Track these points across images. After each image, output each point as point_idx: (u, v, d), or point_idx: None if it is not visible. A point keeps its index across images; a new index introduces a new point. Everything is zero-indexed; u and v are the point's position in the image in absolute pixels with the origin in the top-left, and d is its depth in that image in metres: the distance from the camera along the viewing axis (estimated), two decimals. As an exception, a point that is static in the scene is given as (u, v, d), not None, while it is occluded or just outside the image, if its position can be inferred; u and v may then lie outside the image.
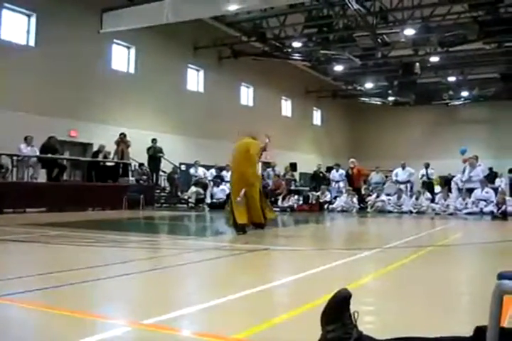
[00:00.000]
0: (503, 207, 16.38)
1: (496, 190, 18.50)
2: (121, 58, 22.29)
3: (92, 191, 17.07)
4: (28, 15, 18.71)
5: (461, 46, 24.28)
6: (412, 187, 21.03)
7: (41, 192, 15.18)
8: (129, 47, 22.51)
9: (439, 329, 2.74)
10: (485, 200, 17.55)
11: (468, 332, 2.10)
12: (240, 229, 9.59)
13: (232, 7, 18.56)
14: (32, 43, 18.67)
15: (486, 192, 17.75)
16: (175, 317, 3.37)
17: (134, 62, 22.57)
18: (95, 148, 19.46)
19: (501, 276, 1.85)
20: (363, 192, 21.27)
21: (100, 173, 18.45)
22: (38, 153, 16.35)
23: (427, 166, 21.25)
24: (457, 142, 30.38)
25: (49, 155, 16.55)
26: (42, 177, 16.69)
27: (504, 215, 16.21)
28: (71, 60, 19.24)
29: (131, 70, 22.56)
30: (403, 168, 20.98)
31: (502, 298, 1.83)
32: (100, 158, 18.92)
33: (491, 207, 17.00)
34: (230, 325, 3.37)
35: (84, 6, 19.67)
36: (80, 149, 20.32)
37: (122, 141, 19.45)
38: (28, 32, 18.72)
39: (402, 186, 20.26)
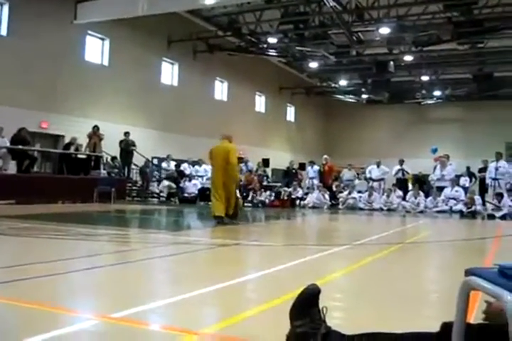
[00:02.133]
0: (472, 207, 16.66)
1: (466, 189, 18.75)
2: (95, 50, 22.03)
3: (63, 183, 16.86)
4: (1, 4, 18.39)
5: (434, 46, 24.55)
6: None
7: (11, 184, 14.93)
8: (103, 39, 22.26)
9: (406, 324, 2.76)
10: (455, 199, 17.79)
11: (436, 327, 2.11)
12: (218, 219, 10.72)
13: (209, 1, 18.52)
14: (4, 33, 18.36)
15: (456, 191, 17.99)
16: (144, 310, 3.35)
17: (108, 54, 22.33)
18: (67, 140, 19.23)
19: (469, 273, 1.87)
20: (334, 188, 21.38)
21: (71, 166, 18.23)
22: (8, 145, 16.12)
23: (401, 163, 21.24)
24: (429, 141, 30.72)
25: (19, 147, 16.32)
26: (12, 168, 16.46)
27: (473, 214, 16.49)
28: (44, 50, 18.98)
29: (105, 62, 22.33)
30: (378, 165, 21.09)
31: (469, 294, 1.85)
32: (72, 150, 18.70)
33: (460, 206, 17.24)
34: (200, 319, 3.36)
35: (58, -4, 19.45)
36: (51, 141, 20.07)
37: (95, 134, 19.23)
38: (-1, 21, 18.43)
39: (375, 184, 20.38)
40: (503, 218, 15.57)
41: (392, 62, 26.43)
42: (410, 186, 21.03)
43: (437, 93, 34.23)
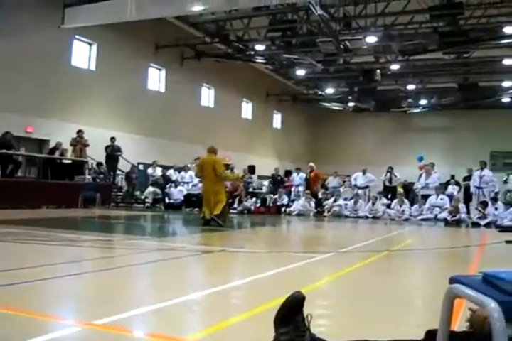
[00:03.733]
0: (457, 215, 16.76)
1: (450, 197, 18.85)
2: (82, 55, 21.93)
3: (48, 188, 16.74)
4: (-13, 8, 18.30)
5: (421, 55, 24.70)
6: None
7: (-6, 189, 14.82)
8: (90, 44, 22.18)
9: (391, 332, 2.76)
10: (439, 207, 17.87)
11: (420, 335, 2.11)
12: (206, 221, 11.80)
13: (197, 7, 18.52)
14: (-11, 36, 18.25)
15: (441, 199, 18.08)
16: (127, 317, 3.33)
17: (95, 59, 22.23)
18: (52, 145, 19.11)
19: (453, 280, 1.87)
20: (320, 196, 21.40)
21: (56, 171, 18.11)
22: (-8, 149, 16.00)
23: (389, 170, 21.18)
24: (414, 149, 30.85)
25: (3, 151, 16.19)
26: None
27: (457, 222, 16.58)
28: (30, 54, 18.84)
29: (92, 67, 22.23)
30: (363, 173, 21.13)
31: (453, 301, 1.86)
32: (57, 155, 18.59)
33: (445, 214, 17.32)
34: (184, 326, 3.35)
35: (45, 0, 19.36)
36: (36, 146, 19.92)
37: (79, 141, 19.09)
38: (-15, 25, 18.28)
39: (360, 191, 20.42)
40: (487, 226, 15.67)
41: (378, 71, 26.54)
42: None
43: (423, 102, 34.43)
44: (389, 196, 20.17)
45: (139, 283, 4.99)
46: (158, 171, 22.09)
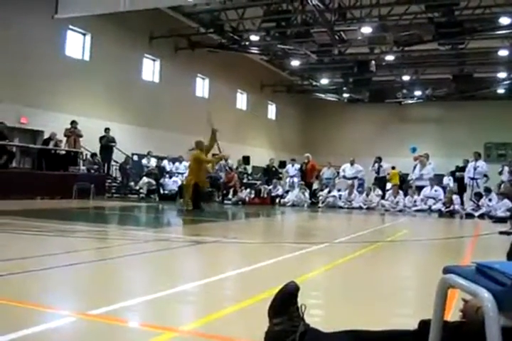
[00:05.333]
0: (451, 206, 16.82)
1: (444, 188, 18.90)
2: (76, 45, 21.83)
3: (42, 179, 16.71)
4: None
5: (416, 46, 24.67)
6: (362, 184, 21.20)
7: (-12, 179, 14.79)
8: (84, 34, 22.07)
9: (384, 322, 2.77)
10: (434, 198, 17.92)
11: (413, 325, 2.12)
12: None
13: (191, -3, 18.45)
14: (-17, 26, 18.14)
15: (435, 190, 18.12)
16: (122, 307, 3.34)
17: (89, 49, 22.14)
18: (46, 136, 19.06)
19: (447, 270, 1.88)
20: (315, 187, 21.42)
21: (51, 161, 18.07)
22: (-14, 139, 15.94)
23: (377, 160, 21.00)
24: (409, 140, 30.88)
25: (-3, 142, 16.15)
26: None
27: (451, 213, 16.64)
28: (24, 44, 18.75)
29: (86, 58, 22.14)
30: (351, 164, 21.13)
31: (447, 291, 1.86)
32: (51, 145, 18.54)
33: (439, 205, 17.38)
34: (178, 316, 3.35)
35: (39, -10, 19.27)
36: (30, 136, 19.86)
37: (73, 132, 19.04)
38: (-22, 14, 18.16)
39: (350, 182, 20.42)
40: (481, 217, 15.74)
41: (373, 62, 26.53)
42: (389, 185, 21.03)
43: (418, 93, 34.46)
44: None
45: (134, 274, 4.99)
46: (153, 162, 22.08)
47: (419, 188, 18.65)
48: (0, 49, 17.99)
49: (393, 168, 23.20)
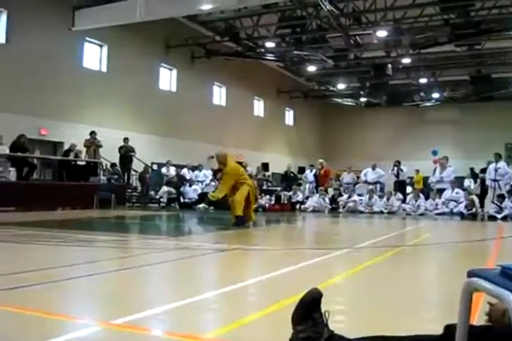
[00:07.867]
0: (473, 209, 16.65)
1: (465, 190, 18.74)
2: (94, 56, 22.04)
3: (63, 190, 16.85)
4: (-1, 12, 18.44)
5: (432, 48, 24.56)
6: (382, 188, 21.07)
7: (10, 191, 14.90)
8: (101, 46, 22.28)
9: (409, 327, 2.75)
10: (455, 201, 17.76)
11: (438, 330, 2.10)
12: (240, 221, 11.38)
13: (206, 6, 18.53)
14: (2, 40, 18.35)
15: (456, 193, 17.97)
16: (145, 316, 3.34)
17: (106, 60, 22.35)
18: (66, 147, 19.23)
19: (471, 274, 1.86)
20: (332, 192, 21.29)
21: (71, 172, 18.22)
22: (7, 152, 16.10)
23: (396, 164, 20.95)
24: (428, 143, 30.74)
25: (19, 154, 16.30)
26: (12, 176, 16.44)
27: (473, 216, 16.47)
28: (42, 57, 18.97)
29: (104, 69, 22.34)
30: (373, 168, 21.06)
31: (471, 295, 1.84)
32: (71, 156, 18.70)
33: (460, 208, 17.21)
34: (201, 324, 3.35)
35: (56, 3, 19.50)
36: (50, 148, 20.06)
37: (92, 143, 19.20)
38: (-2, 29, 18.42)
39: (371, 186, 20.34)
40: (504, 219, 15.56)
41: (389, 65, 26.44)
42: (409, 189, 20.90)
43: (435, 95, 34.24)
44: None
45: (156, 283, 5.01)
46: (172, 171, 22.15)
47: (440, 191, 18.52)
48: (19, 62, 18.22)
49: (417, 171, 22.87)
